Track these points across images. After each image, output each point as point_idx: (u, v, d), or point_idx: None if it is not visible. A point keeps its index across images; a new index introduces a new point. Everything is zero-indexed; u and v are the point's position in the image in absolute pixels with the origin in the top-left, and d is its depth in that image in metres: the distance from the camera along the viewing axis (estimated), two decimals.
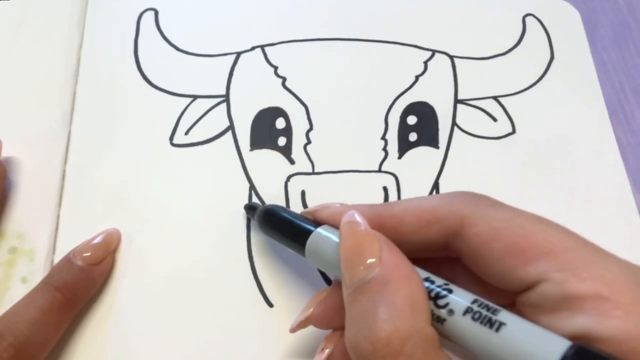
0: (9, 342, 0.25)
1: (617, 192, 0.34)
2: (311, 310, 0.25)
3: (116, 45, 0.36)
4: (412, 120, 0.35)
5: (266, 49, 0.36)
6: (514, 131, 0.35)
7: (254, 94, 0.35)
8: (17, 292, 0.28)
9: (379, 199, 0.32)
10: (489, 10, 0.39)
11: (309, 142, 0.34)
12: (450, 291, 0.18)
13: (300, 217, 0.26)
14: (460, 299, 0.18)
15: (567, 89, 0.37)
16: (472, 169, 0.34)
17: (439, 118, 0.35)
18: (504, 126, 0.35)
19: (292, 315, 0.27)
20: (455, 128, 0.35)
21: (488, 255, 0.20)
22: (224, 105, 0.34)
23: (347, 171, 0.33)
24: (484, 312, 0.17)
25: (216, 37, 0.36)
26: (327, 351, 0.24)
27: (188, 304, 0.29)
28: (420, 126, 0.35)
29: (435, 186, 0.33)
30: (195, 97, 0.34)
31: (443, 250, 0.22)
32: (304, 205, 0.32)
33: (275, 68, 0.36)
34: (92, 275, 0.28)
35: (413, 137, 0.34)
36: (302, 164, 0.33)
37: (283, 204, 0.32)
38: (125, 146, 0.33)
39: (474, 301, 0.18)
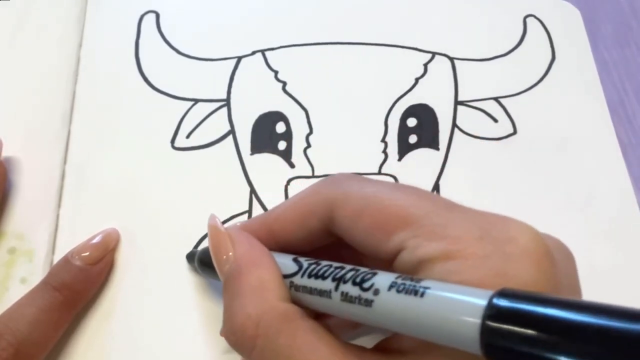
0: (8, 342, 0.25)
1: (619, 191, 0.34)
2: None
3: (116, 47, 0.36)
4: (412, 122, 0.35)
5: (267, 53, 0.36)
6: (515, 132, 0.35)
7: (255, 98, 0.35)
8: (16, 292, 0.28)
9: None
10: (489, 11, 0.39)
11: (309, 145, 0.34)
12: (374, 274, 0.19)
13: None
14: (384, 277, 0.18)
15: (568, 89, 0.37)
16: (473, 170, 0.34)
17: (439, 120, 0.35)
18: (505, 127, 0.35)
19: None
20: (456, 129, 0.35)
21: (357, 235, 0.20)
22: (224, 109, 0.35)
23: None
24: (408, 282, 0.17)
25: (217, 41, 0.37)
26: None
27: (188, 305, 0.29)
28: (420, 128, 0.35)
29: (436, 188, 0.33)
30: (196, 100, 0.35)
31: (332, 236, 0.22)
32: None
33: (276, 72, 0.36)
34: (91, 275, 0.28)
35: (413, 139, 0.34)
36: (302, 168, 0.33)
37: None
38: (126, 147, 0.33)
39: (398, 276, 0.18)
